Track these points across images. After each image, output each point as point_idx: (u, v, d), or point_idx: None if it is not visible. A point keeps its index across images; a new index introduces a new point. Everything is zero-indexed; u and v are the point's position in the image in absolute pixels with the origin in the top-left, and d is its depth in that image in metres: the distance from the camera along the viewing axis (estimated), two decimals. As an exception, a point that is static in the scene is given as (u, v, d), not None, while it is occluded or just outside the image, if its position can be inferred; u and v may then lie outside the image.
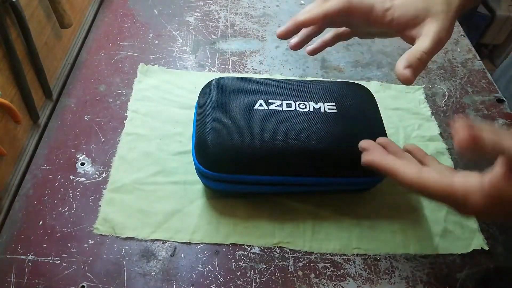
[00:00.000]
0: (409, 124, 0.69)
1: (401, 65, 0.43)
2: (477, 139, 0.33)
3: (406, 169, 0.40)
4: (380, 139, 0.49)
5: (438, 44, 0.44)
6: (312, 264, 0.53)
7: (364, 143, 0.48)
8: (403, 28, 0.46)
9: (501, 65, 0.91)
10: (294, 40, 0.54)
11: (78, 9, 0.78)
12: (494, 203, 0.37)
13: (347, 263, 0.54)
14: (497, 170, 0.37)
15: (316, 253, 0.54)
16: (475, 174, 0.38)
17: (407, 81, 0.43)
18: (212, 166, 0.52)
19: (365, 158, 0.43)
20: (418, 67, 0.43)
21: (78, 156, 0.61)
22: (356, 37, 0.80)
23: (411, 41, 0.46)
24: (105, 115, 0.67)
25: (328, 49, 0.81)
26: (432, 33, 0.44)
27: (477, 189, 0.37)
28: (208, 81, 0.60)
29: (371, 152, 0.44)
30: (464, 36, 0.88)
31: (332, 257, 0.54)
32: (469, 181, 0.38)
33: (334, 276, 0.53)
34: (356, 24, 0.50)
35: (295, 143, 0.52)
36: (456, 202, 0.39)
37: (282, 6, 0.91)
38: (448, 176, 0.39)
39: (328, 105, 0.56)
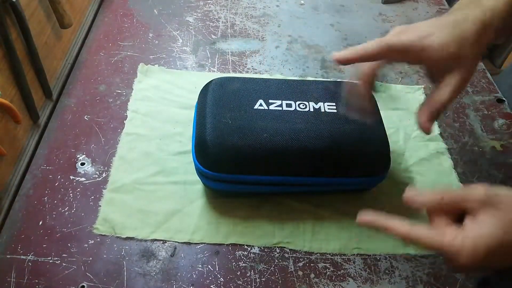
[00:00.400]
0: (409, 124, 0.69)
1: (423, 118, 0.45)
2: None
3: (398, 225, 0.40)
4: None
5: (458, 93, 0.45)
6: (312, 264, 0.53)
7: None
8: (434, 65, 0.47)
9: (506, 68, 0.90)
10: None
11: (78, 9, 0.78)
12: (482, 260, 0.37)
13: (347, 263, 0.54)
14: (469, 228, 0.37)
15: (316, 253, 0.54)
16: (464, 230, 0.38)
17: (429, 133, 0.45)
18: (212, 166, 0.52)
19: (360, 219, 0.42)
20: (438, 117, 0.46)
21: (78, 156, 0.61)
22: (355, 37, 0.80)
23: (435, 77, 0.47)
24: (105, 115, 0.67)
25: (328, 49, 0.82)
26: (454, 83, 0.45)
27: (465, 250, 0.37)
28: (208, 81, 0.60)
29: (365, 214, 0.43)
30: (464, 36, 0.87)
31: (332, 257, 0.54)
32: (457, 241, 0.38)
33: (334, 276, 0.53)
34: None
35: (295, 143, 0.52)
36: (449, 260, 0.39)
37: (282, 6, 0.91)
38: (439, 234, 0.39)
39: (328, 105, 0.56)
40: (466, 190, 0.39)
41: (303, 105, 0.56)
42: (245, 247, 0.54)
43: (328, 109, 0.56)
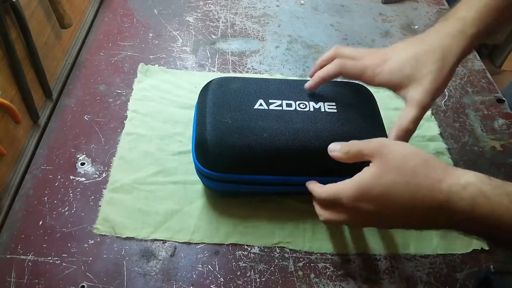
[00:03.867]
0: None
1: (392, 138, 0.48)
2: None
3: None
4: None
5: (423, 109, 0.48)
6: (312, 264, 0.53)
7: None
8: (392, 89, 0.51)
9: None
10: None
11: (78, 9, 0.78)
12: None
13: (347, 263, 0.54)
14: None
15: (316, 253, 0.54)
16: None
17: None
18: (212, 166, 0.52)
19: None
20: (407, 137, 0.48)
21: (78, 156, 0.61)
22: (355, 37, 0.79)
23: (402, 97, 0.51)
24: (105, 115, 0.67)
25: (328, 49, 0.82)
26: (414, 101, 0.48)
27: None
28: (208, 81, 0.60)
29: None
30: (464, 36, 0.87)
31: (332, 257, 0.54)
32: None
33: (334, 276, 0.53)
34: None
35: (295, 143, 0.52)
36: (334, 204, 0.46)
37: (282, 6, 0.91)
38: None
39: (328, 105, 0.56)
40: (366, 142, 0.45)
41: (303, 105, 0.56)
42: (245, 247, 0.54)
43: (328, 109, 0.56)
